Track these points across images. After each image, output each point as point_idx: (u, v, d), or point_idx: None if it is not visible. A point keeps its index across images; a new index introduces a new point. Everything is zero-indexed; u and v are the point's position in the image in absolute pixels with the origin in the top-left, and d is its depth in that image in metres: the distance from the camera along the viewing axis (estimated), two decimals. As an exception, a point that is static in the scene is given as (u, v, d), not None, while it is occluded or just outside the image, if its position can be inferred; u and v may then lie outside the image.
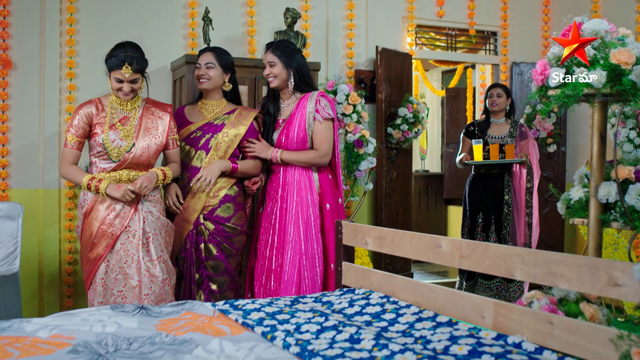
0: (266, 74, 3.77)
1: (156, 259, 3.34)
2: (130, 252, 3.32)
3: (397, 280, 2.74)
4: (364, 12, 5.63)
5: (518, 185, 5.16)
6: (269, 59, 3.76)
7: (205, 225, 3.66)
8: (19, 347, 2.12)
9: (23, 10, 4.73)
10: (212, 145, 3.69)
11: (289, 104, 3.83)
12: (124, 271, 3.29)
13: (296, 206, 3.68)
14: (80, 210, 3.42)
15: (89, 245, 3.32)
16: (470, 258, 2.35)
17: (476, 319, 2.33)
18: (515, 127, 5.24)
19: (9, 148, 4.69)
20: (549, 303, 2.27)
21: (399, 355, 2.00)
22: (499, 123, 5.29)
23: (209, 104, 3.82)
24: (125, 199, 3.29)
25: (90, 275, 3.31)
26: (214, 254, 3.65)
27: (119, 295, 3.27)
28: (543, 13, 6.23)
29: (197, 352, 2.06)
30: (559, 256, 2.03)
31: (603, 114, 2.53)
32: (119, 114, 3.42)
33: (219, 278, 3.65)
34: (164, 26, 5.00)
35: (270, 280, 3.68)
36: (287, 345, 2.11)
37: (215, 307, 2.67)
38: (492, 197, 5.22)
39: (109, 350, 2.08)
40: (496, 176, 5.23)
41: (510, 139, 5.18)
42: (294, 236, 3.64)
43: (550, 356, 1.97)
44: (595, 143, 2.54)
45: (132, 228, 3.33)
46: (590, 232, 2.53)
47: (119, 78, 3.34)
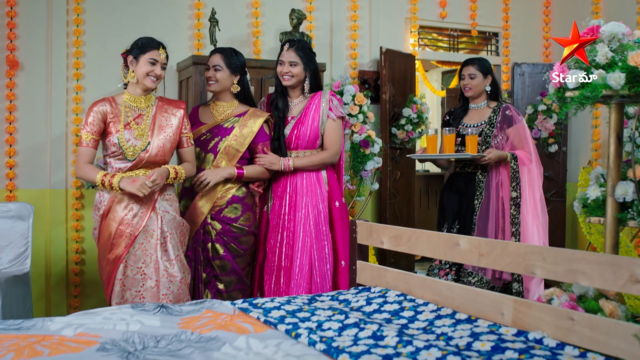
0: (285, 71, 3.78)
1: (174, 258, 3.35)
2: (148, 252, 3.31)
3: (414, 278, 2.78)
4: (367, 13, 5.67)
5: (494, 191, 4.15)
6: (291, 57, 3.78)
7: (212, 225, 3.68)
8: (47, 345, 2.14)
9: (30, 11, 4.75)
10: (221, 148, 3.70)
11: (298, 102, 3.87)
12: (142, 271, 3.30)
13: (305, 204, 3.73)
14: (97, 212, 3.39)
15: (108, 246, 3.30)
16: (489, 256, 2.39)
17: (495, 316, 2.37)
18: (498, 111, 4.23)
19: (16, 148, 4.70)
20: (569, 300, 2.31)
21: (424, 351, 2.03)
22: (479, 109, 4.33)
23: (220, 105, 3.82)
24: (142, 193, 3.22)
25: (111, 276, 3.29)
26: (220, 253, 3.66)
27: (137, 295, 3.28)
28: (544, 14, 6.28)
29: (224, 350, 2.09)
30: (580, 254, 2.07)
31: (620, 115, 2.58)
32: (133, 112, 3.39)
33: (226, 278, 3.67)
34: (169, 26, 5.02)
35: (280, 278, 3.71)
36: (313, 343, 2.14)
37: (234, 305, 2.70)
38: (466, 203, 4.27)
39: (137, 348, 2.11)
40: (469, 176, 4.29)
41: (489, 128, 4.20)
42: (304, 234, 3.68)
43: (572, 351, 2.02)
44: (612, 144, 2.59)
45: (150, 228, 3.33)
46: (608, 230, 2.58)
47: (155, 59, 3.32)
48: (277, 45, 5.26)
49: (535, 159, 4.09)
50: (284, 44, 3.83)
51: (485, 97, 4.32)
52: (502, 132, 4.16)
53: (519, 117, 4.19)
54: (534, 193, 4.03)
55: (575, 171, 5.97)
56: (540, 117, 5.82)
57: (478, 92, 4.30)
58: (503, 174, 4.11)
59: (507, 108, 4.21)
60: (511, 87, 6.06)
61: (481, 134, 4.19)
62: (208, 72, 3.77)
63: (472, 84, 4.28)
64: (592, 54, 2.43)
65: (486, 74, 4.31)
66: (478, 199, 4.17)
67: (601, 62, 2.39)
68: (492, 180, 4.14)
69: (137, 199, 3.30)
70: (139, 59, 3.35)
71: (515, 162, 4.05)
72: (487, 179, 4.16)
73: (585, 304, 2.26)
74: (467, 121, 4.31)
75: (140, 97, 3.41)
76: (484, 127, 4.21)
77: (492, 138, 4.17)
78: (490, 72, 4.33)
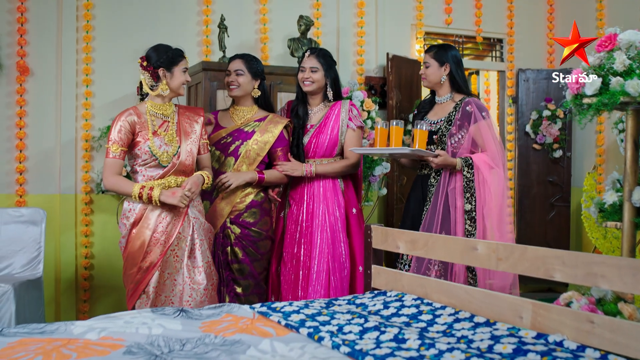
0: (306, 77, 3.82)
1: (201, 265, 3.36)
2: (179, 258, 3.34)
3: (430, 282, 2.81)
4: (373, 19, 5.72)
5: (444, 198, 3.64)
6: (312, 63, 3.81)
7: (231, 229, 3.71)
8: (73, 349, 2.16)
9: (40, 17, 4.78)
10: (242, 152, 3.74)
11: (317, 110, 3.91)
12: (172, 277, 3.32)
13: (323, 210, 3.76)
14: (126, 221, 3.33)
15: (141, 254, 3.28)
16: (507, 260, 2.42)
17: (514, 319, 2.40)
18: (459, 107, 3.71)
19: (26, 154, 4.74)
20: (588, 303, 2.35)
21: (447, 354, 2.06)
22: (442, 103, 3.84)
23: (240, 110, 3.85)
24: (183, 204, 3.27)
25: (141, 284, 3.28)
26: (239, 257, 3.70)
27: (166, 301, 3.29)
28: (548, 20, 6.34)
29: (250, 352, 2.11)
30: (599, 258, 2.11)
31: (636, 121, 2.62)
32: (158, 120, 3.40)
33: (244, 281, 3.71)
34: (178, 33, 5.06)
35: (298, 283, 3.74)
36: (337, 346, 2.17)
37: (254, 309, 2.72)
38: (419, 208, 3.80)
39: (164, 351, 2.13)
40: (424, 178, 3.83)
41: (446, 126, 3.72)
42: (321, 240, 3.72)
43: (593, 354, 2.04)
44: (629, 149, 2.62)
45: (182, 235, 3.34)
46: (625, 234, 2.62)
47: (186, 67, 3.39)
48: (285, 52, 5.31)
49: (500, 162, 3.59)
50: (305, 52, 3.88)
51: (449, 89, 3.81)
52: (462, 130, 3.67)
53: (481, 113, 3.64)
54: (494, 206, 3.54)
55: (580, 176, 6.02)
56: (544, 123, 5.87)
57: (433, 82, 3.81)
58: (458, 182, 3.61)
59: (469, 103, 3.68)
60: (516, 92, 6.11)
61: (437, 132, 3.74)
62: (229, 77, 3.79)
63: (427, 72, 3.81)
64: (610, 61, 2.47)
65: (442, 63, 3.77)
66: (427, 205, 3.71)
67: (619, 70, 2.43)
68: (444, 185, 3.65)
69: (170, 206, 3.32)
70: (173, 71, 3.37)
71: (469, 170, 3.56)
72: (438, 185, 3.68)
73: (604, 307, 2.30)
74: (431, 116, 3.85)
75: (164, 105, 3.43)
76: (441, 125, 3.74)
77: (448, 137, 3.68)
78: (447, 61, 3.77)
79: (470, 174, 3.55)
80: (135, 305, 3.34)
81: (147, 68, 3.36)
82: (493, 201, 3.52)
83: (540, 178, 6.07)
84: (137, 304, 3.33)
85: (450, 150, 3.67)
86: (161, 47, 3.40)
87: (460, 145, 3.65)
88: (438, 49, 3.84)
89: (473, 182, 3.54)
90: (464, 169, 3.57)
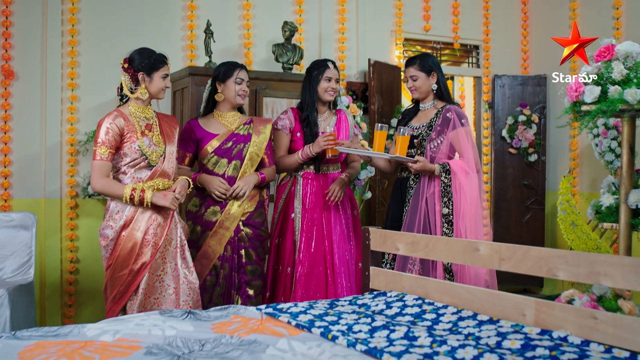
0: (332, 87, 4.06)
1: (192, 265, 3.44)
2: (167, 260, 3.38)
3: (431, 282, 2.90)
4: (354, 25, 5.81)
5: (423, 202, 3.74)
6: (337, 74, 4.09)
7: (244, 231, 3.82)
8: (92, 350, 2.19)
9: (25, 20, 4.76)
10: (246, 155, 3.84)
11: (325, 117, 4.13)
12: (160, 278, 3.36)
13: (335, 213, 4.02)
14: (113, 223, 3.33)
15: (132, 255, 3.30)
16: (510, 260, 2.52)
17: (517, 317, 2.49)
18: (440, 113, 3.84)
19: (11, 158, 4.72)
20: (590, 300, 2.46)
21: (460, 349, 2.15)
22: (425, 109, 3.96)
23: (228, 115, 3.91)
24: (174, 206, 3.34)
25: (132, 285, 3.30)
26: (253, 258, 3.83)
27: (155, 303, 3.33)
28: (522, 28, 6.52)
29: (270, 351, 2.17)
30: (602, 257, 2.22)
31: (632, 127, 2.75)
32: (142, 122, 3.43)
33: (255, 282, 3.83)
34: (163, 38, 5.09)
35: (316, 284, 3.88)
36: (352, 344, 2.24)
37: (260, 310, 2.78)
38: (399, 211, 3.90)
39: (184, 352, 2.17)
40: (404, 181, 3.91)
41: (427, 131, 3.83)
42: (340, 241, 3.96)
43: (598, 347, 2.15)
44: (625, 154, 2.75)
45: (169, 237, 3.40)
46: (621, 235, 2.75)
47: (166, 73, 3.46)
48: (268, 57, 5.37)
49: (475, 168, 3.72)
50: (326, 62, 4.09)
51: (432, 97, 3.93)
52: (442, 136, 3.77)
53: (460, 120, 3.77)
54: (469, 210, 3.65)
55: (554, 180, 6.20)
56: (520, 128, 6.04)
57: (424, 92, 3.92)
58: (437, 187, 3.72)
59: (449, 110, 3.80)
60: (492, 98, 6.26)
61: (418, 137, 3.84)
62: (242, 86, 3.88)
63: (416, 85, 3.90)
64: (608, 71, 2.60)
65: (429, 72, 3.89)
66: (406, 207, 3.81)
67: (617, 79, 2.56)
68: (423, 189, 3.75)
69: (159, 209, 3.36)
70: (153, 76, 3.41)
71: (446, 176, 3.68)
72: (417, 188, 3.78)
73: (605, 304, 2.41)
74: (415, 123, 3.96)
75: (146, 108, 3.47)
76: (422, 130, 3.85)
77: (428, 142, 3.79)
78: (434, 69, 3.89)
79: (448, 179, 3.66)
80: (126, 307, 3.36)
81: (127, 70, 3.41)
82: (469, 205, 3.63)
83: (515, 181, 6.23)
84: (127, 306, 3.35)
85: (429, 155, 3.78)
86: (145, 51, 3.44)
87: (439, 150, 3.77)
88: (420, 59, 3.92)
89: (450, 187, 3.65)
90: (441, 174, 3.67)
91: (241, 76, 3.84)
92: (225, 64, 3.88)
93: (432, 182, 3.73)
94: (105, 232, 3.35)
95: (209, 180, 3.76)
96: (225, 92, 3.85)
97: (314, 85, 4.02)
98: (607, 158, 4.96)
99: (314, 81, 4.02)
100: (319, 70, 4.04)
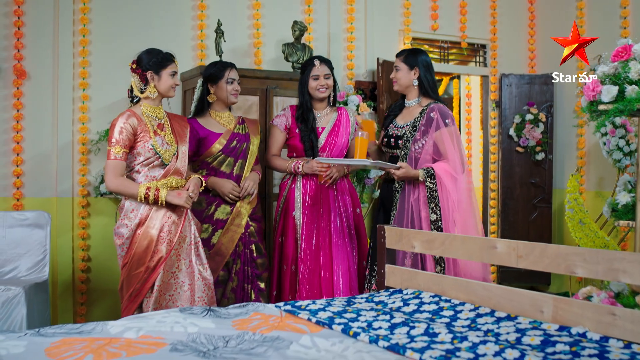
0: (322, 84, 4.06)
1: (205, 262, 3.49)
2: (181, 257, 3.42)
3: (447, 280, 2.93)
4: (363, 25, 5.84)
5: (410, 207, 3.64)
6: (325, 71, 4.08)
7: (252, 225, 3.93)
8: (117, 347, 2.22)
9: (37, 20, 4.79)
10: (249, 153, 3.95)
11: (325, 113, 4.13)
12: (175, 275, 3.40)
13: (335, 211, 3.97)
14: (129, 221, 3.37)
15: (149, 253, 3.34)
16: (527, 258, 2.55)
17: (534, 314, 2.52)
18: (424, 113, 3.70)
19: (23, 157, 4.74)
20: (608, 297, 2.49)
21: (482, 345, 2.18)
22: (410, 107, 3.84)
23: (223, 115, 4.03)
24: (188, 205, 3.40)
25: (148, 282, 3.34)
26: (262, 251, 3.95)
27: (170, 300, 3.37)
28: (529, 27, 6.53)
29: (294, 348, 2.20)
30: (620, 254, 2.25)
31: (647, 126, 2.78)
32: (154, 121, 3.48)
33: (265, 274, 3.96)
34: (174, 37, 5.11)
35: (318, 282, 3.90)
36: (374, 340, 2.27)
37: (279, 308, 2.81)
38: (386, 216, 3.84)
39: (209, 348, 2.20)
40: (389, 185, 3.87)
41: (411, 131, 3.71)
42: (338, 239, 3.95)
43: (617, 343, 2.18)
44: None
45: (184, 234, 3.45)
46: (637, 232, 2.78)
47: (174, 71, 3.51)
48: (277, 56, 5.39)
49: (461, 170, 3.61)
50: (313, 59, 4.07)
51: (416, 94, 3.82)
52: (426, 136, 3.66)
53: (444, 120, 3.65)
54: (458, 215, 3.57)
55: (561, 178, 6.23)
56: (527, 126, 6.06)
57: (403, 86, 3.83)
58: (422, 193, 3.62)
59: (433, 110, 3.68)
60: (499, 97, 6.29)
61: (403, 137, 3.76)
62: (234, 86, 3.96)
63: (397, 76, 3.84)
64: (625, 70, 2.63)
65: (412, 67, 3.79)
66: (393, 211, 3.73)
67: (634, 78, 2.60)
68: (409, 194, 3.66)
69: (173, 207, 3.40)
70: (161, 74, 3.46)
71: (431, 181, 3.57)
72: (403, 191, 3.69)
73: (623, 300, 2.44)
74: (399, 120, 3.86)
75: (157, 107, 3.51)
76: (406, 130, 3.74)
77: (412, 143, 3.69)
78: (417, 65, 3.79)
79: (433, 184, 3.56)
80: (142, 304, 3.39)
81: (136, 71, 3.46)
82: (457, 210, 3.56)
83: (523, 180, 6.26)
84: (143, 303, 3.38)
85: (413, 156, 3.69)
86: (153, 51, 3.49)
87: (424, 151, 3.67)
88: (408, 53, 3.88)
89: (436, 192, 3.55)
90: (426, 179, 3.58)
91: (232, 76, 3.94)
92: (215, 65, 3.96)
93: (416, 188, 3.64)
94: (121, 230, 3.38)
95: (221, 183, 3.82)
96: (218, 92, 3.95)
97: (305, 86, 4.09)
98: (614, 156, 4.99)
99: (304, 81, 4.09)
100: (307, 70, 4.09)
